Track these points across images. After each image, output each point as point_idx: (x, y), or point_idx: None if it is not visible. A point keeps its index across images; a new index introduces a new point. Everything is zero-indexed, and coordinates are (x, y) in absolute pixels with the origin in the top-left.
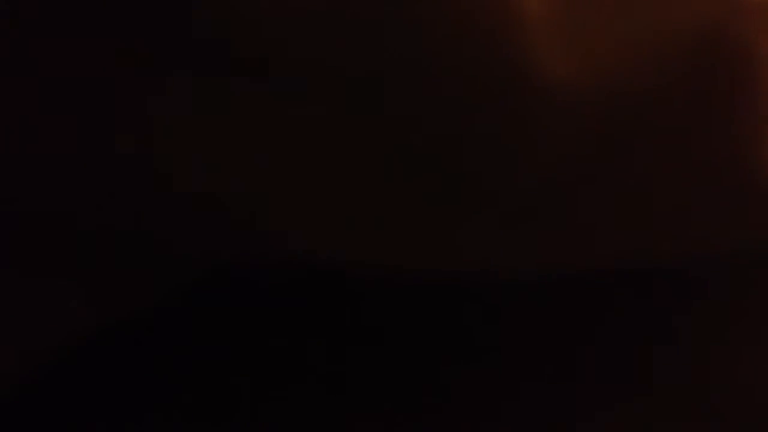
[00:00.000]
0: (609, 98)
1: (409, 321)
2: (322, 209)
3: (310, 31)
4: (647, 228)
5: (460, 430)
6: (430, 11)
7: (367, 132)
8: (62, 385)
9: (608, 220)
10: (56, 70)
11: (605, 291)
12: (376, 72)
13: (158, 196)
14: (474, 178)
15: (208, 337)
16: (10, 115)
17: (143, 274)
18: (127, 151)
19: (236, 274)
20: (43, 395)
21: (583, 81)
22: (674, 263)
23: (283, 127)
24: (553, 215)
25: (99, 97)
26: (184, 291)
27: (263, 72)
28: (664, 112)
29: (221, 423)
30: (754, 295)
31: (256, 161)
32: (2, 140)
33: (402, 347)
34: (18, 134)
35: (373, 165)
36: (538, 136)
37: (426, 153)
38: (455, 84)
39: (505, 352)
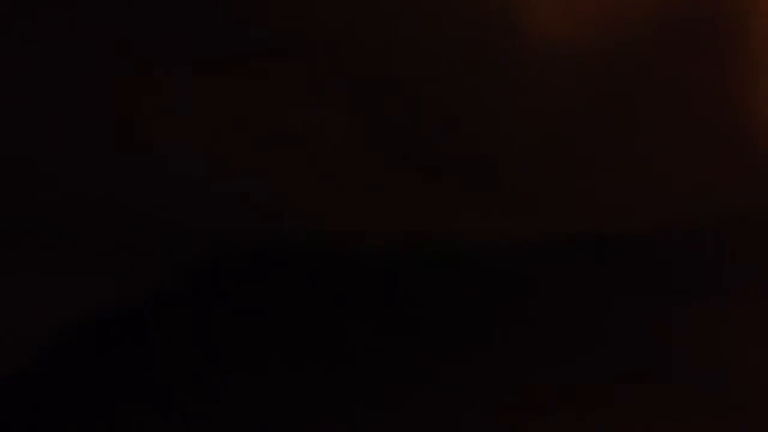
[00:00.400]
0: (606, 53)
1: (411, 305)
2: (322, 196)
3: (310, 29)
4: (648, 188)
5: (459, 423)
6: None
7: (366, 116)
8: (60, 374)
9: (609, 180)
10: (55, 69)
11: (604, 289)
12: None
13: (157, 188)
14: (471, 143)
15: (208, 324)
16: (9, 115)
17: (142, 260)
18: (127, 151)
19: (235, 264)
20: (41, 386)
21: (580, 36)
22: (677, 228)
23: (283, 127)
24: (553, 178)
25: (99, 97)
26: (182, 279)
27: (264, 71)
28: (663, 65)
29: (222, 415)
30: (755, 292)
31: (257, 160)
32: (2, 140)
33: (403, 334)
34: (18, 134)
35: (370, 143)
36: (536, 96)
37: (421, 122)
38: (450, 46)
39: (502, 346)
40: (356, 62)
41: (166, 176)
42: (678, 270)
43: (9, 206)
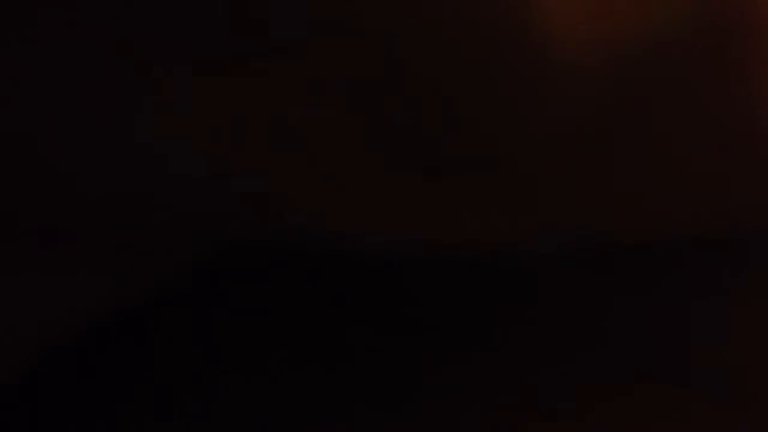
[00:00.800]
0: (609, 54)
1: (411, 305)
2: (322, 196)
3: (310, 29)
4: (649, 188)
5: (459, 423)
6: None
7: (366, 116)
8: (60, 373)
9: (609, 179)
10: (55, 69)
11: (605, 289)
12: (384, 32)
13: (157, 189)
14: (471, 143)
15: (208, 323)
16: (9, 115)
17: (142, 260)
18: (127, 151)
19: (235, 264)
20: (41, 386)
21: (583, 37)
22: (677, 228)
23: (283, 127)
24: (554, 178)
25: (99, 97)
26: (182, 279)
27: (264, 71)
28: (680, 70)
29: (222, 415)
30: (755, 289)
31: (257, 160)
32: (2, 140)
33: (403, 334)
34: (18, 134)
35: (370, 143)
36: (537, 96)
37: (421, 122)
38: (450, 46)
39: (502, 346)
40: (356, 62)
41: (166, 176)
42: (678, 270)
43: (9, 206)
